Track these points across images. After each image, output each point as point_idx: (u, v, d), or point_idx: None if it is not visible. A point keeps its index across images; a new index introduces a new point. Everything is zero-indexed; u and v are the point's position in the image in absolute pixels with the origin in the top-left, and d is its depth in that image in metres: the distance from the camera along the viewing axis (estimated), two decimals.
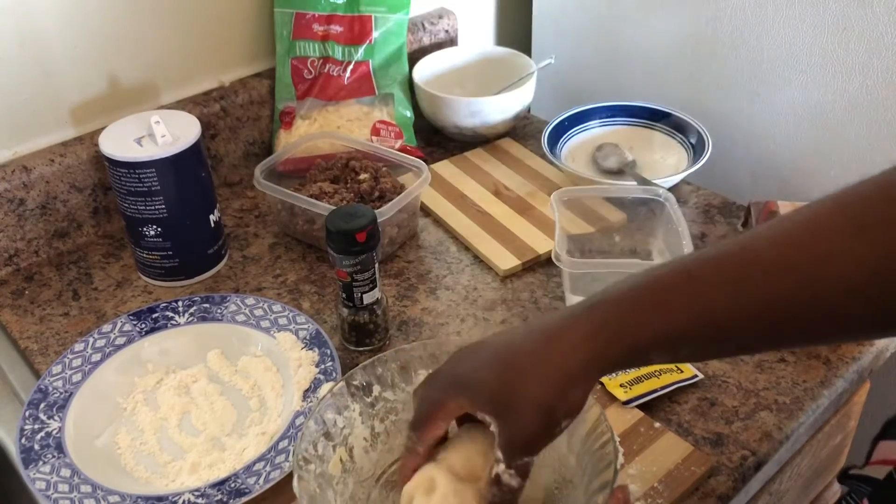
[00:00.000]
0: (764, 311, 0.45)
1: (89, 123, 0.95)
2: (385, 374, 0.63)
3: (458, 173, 1.05)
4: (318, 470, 0.58)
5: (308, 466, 0.56)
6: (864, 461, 0.67)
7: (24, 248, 0.92)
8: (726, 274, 0.46)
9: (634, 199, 0.89)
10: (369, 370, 0.62)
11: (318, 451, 0.58)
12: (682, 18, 1.08)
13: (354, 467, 0.62)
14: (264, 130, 1.08)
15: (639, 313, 0.47)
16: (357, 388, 0.62)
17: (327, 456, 0.59)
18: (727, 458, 0.68)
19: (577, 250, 0.90)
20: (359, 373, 0.62)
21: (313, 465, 0.57)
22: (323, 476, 0.58)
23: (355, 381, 0.62)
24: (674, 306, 0.47)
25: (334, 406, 0.60)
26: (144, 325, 0.81)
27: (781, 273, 0.44)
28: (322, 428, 0.59)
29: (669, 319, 0.47)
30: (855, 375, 0.77)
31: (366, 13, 1.05)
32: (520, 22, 1.35)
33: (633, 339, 0.47)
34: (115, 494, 0.65)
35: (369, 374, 0.62)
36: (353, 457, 0.61)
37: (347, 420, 0.61)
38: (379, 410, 0.63)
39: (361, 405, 0.62)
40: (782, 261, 0.44)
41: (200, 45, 1.01)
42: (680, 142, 1.05)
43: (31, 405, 0.72)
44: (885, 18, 0.89)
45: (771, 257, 0.45)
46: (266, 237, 0.97)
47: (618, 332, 0.47)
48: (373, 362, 0.62)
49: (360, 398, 0.62)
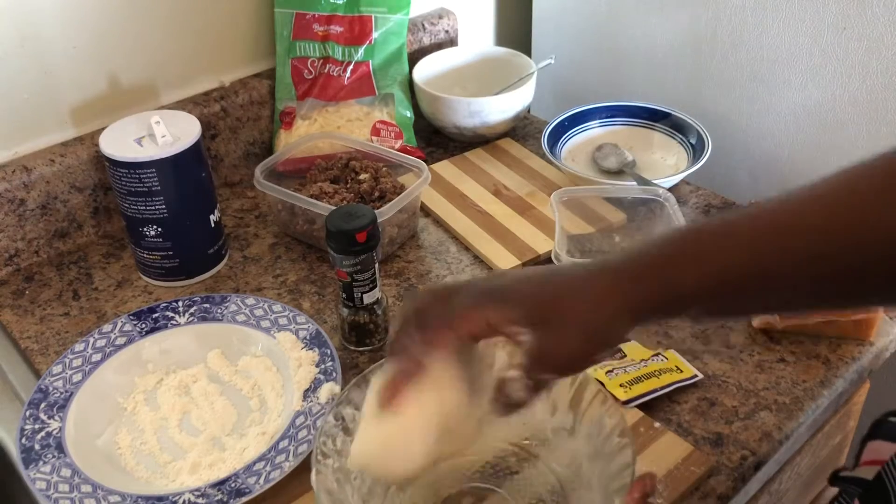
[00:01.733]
0: (807, 263, 0.46)
1: (89, 123, 0.95)
2: None
3: (458, 173, 1.05)
4: (336, 465, 0.58)
5: (326, 461, 0.56)
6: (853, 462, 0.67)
7: (24, 248, 0.92)
8: (769, 228, 0.46)
9: (634, 199, 0.89)
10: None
11: (337, 446, 0.58)
12: (682, 18, 1.08)
13: None
14: (264, 130, 1.08)
15: (684, 262, 0.47)
16: None
17: (346, 451, 0.59)
18: (727, 457, 0.68)
19: (577, 250, 0.90)
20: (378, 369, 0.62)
21: (331, 460, 0.57)
22: (341, 471, 0.58)
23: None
24: (718, 257, 0.47)
25: (352, 401, 0.60)
26: (145, 325, 0.81)
27: (823, 233, 0.45)
28: (341, 423, 0.59)
29: (714, 269, 0.47)
30: (855, 375, 0.77)
31: (366, 13, 1.05)
32: (520, 22, 1.35)
33: (677, 286, 0.47)
34: (116, 494, 0.65)
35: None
36: None
37: None
38: None
39: None
40: (822, 221, 0.45)
41: (201, 45, 1.01)
42: (680, 142, 1.05)
43: (31, 405, 0.73)
44: (885, 18, 0.89)
45: (812, 217, 0.46)
46: (266, 237, 0.97)
47: (662, 278, 0.47)
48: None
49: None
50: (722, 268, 0.47)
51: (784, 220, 0.47)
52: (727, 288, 0.47)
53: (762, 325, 0.79)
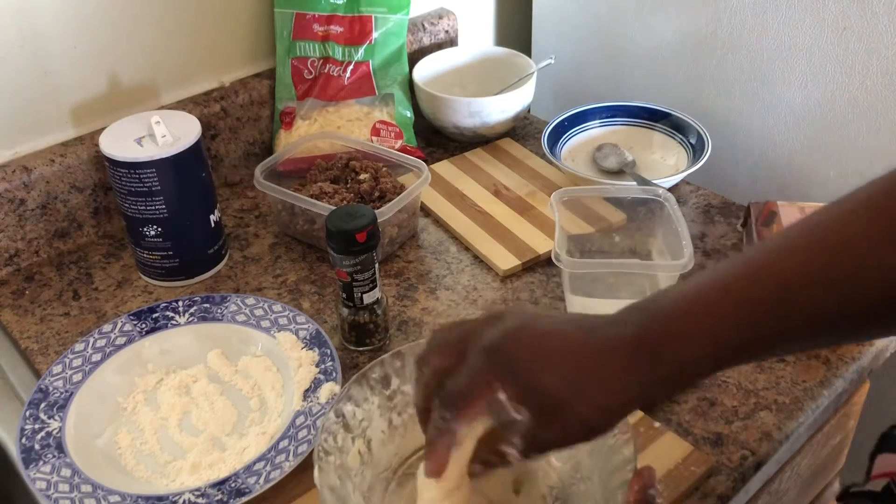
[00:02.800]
0: (808, 326, 0.45)
1: (89, 123, 0.95)
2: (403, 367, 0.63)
3: (458, 173, 1.05)
4: (338, 462, 0.58)
5: (328, 458, 0.57)
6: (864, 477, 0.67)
7: (24, 248, 0.92)
8: (767, 291, 0.45)
9: (634, 199, 0.89)
10: (388, 363, 0.62)
11: (338, 443, 0.58)
12: (682, 18, 1.08)
13: (372, 460, 0.62)
14: (264, 130, 1.08)
15: (686, 336, 0.46)
16: (376, 380, 0.62)
17: (346, 448, 0.59)
18: (727, 457, 0.68)
19: (577, 250, 0.90)
20: (377, 366, 0.62)
21: (333, 457, 0.57)
22: (342, 468, 0.58)
23: (374, 374, 0.62)
24: (718, 327, 0.46)
25: (353, 398, 0.60)
26: (145, 324, 0.81)
27: (822, 289, 0.44)
28: (341, 420, 0.59)
29: (716, 340, 0.46)
30: (855, 375, 0.77)
31: (366, 13, 1.05)
32: (520, 22, 1.35)
33: (682, 362, 0.46)
34: (116, 494, 0.65)
35: (388, 368, 0.62)
36: (371, 449, 0.62)
37: (366, 412, 0.61)
38: (397, 403, 0.63)
39: (380, 398, 0.62)
40: (821, 276, 0.44)
41: (201, 45, 1.01)
42: (680, 142, 1.05)
43: (31, 405, 0.73)
44: (885, 18, 0.89)
45: (808, 270, 0.45)
46: (266, 237, 0.97)
47: (667, 357, 0.46)
48: (391, 356, 0.62)
49: (378, 391, 0.62)
50: (722, 342, 0.46)
51: (780, 287, 0.45)
52: (729, 356, 0.47)
53: None
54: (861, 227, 0.44)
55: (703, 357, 0.46)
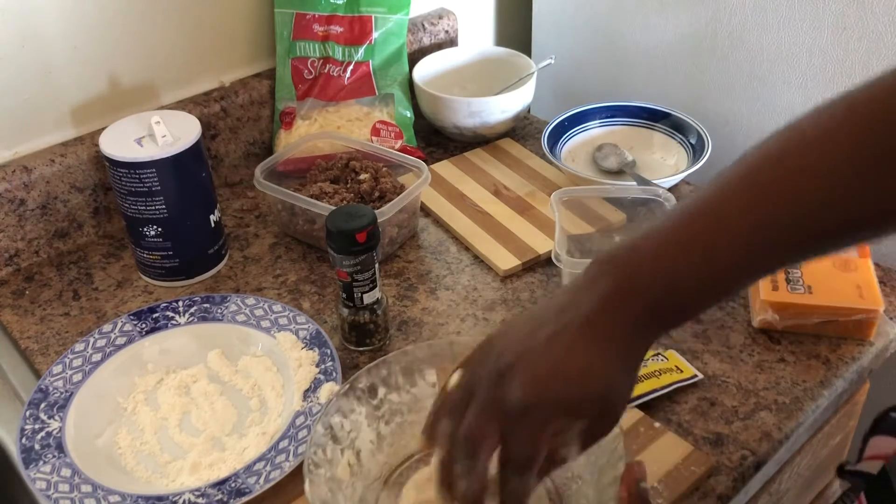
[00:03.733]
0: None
1: (89, 123, 0.95)
2: (390, 376, 0.63)
3: (458, 173, 1.05)
4: (328, 474, 0.58)
5: (318, 471, 0.56)
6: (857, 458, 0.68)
7: (24, 248, 0.92)
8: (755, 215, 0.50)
9: (634, 199, 0.89)
10: (374, 373, 0.62)
11: (327, 455, 0.58)
12: (682, 18, 1.08)
13: (362, 470, 0.62)
14: (264, 131, 1.08)
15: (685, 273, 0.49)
16: (362, 391, 0.62)
17: (336, 460, 0.59)
18: (727, 457, 0.68)
19: (577, 250, 0.90)
20: (363, 375, 0.62)
21: (323, 470, 0.57)
22: (333, 480, 0.58)
23: (360, 384, 0.62)
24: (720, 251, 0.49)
25: (340, 410, 0.60)
26: (145, 325, 0.81)
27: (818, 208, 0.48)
28: (329, 432, 0.59)
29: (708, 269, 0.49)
30: (855, 375, 0.77)
31: (366, 14, 1.05)
32: (520, 22, 1.35)
33: (682, 299, 0.49)
34: (116, 494, 0.65)
35: (374, 377, 0.62)
36: (361, 460, 0.62)
37: (354, 423, 0.61)
38: (384, 413, 0.63)
39: (367, 408, 0.62)
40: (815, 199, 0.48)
41: (201, 45, 1.01)
42: (680, 142, 1.05)
43: (31, 405, 0.73)
44: (885, 18, 0.89)
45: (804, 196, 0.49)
46: (266, 237, 0.97)
47: (672, 304, 0.49)
48: (377, 365, 0.62)
49: (365, 401, 0.62)
50: (717, 268, 0.49)
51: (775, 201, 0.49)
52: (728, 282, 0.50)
53: (762, 325, 0.80)
54: (844, 152, 0.47)
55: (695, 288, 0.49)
